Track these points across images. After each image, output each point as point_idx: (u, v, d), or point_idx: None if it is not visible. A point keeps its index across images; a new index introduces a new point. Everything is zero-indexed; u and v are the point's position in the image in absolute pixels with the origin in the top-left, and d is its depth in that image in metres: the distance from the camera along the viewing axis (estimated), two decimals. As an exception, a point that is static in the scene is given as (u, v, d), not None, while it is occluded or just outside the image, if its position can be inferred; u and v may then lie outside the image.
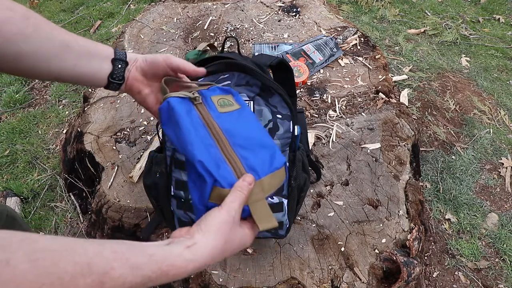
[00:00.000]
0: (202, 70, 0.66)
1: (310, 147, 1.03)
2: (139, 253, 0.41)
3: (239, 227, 0.51)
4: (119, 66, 0.66)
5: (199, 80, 0.71)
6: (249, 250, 0.87)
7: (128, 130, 1.13)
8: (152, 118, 1.15)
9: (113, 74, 0.66)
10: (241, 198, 0.51)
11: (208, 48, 1.28)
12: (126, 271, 0.39)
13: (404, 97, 1.64)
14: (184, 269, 0.43)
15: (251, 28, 1.46)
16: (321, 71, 1.27)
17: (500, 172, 1.53)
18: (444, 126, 1.68)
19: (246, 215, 0.54)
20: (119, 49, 0.66)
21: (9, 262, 0.31)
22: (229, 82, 0.72)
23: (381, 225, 0.91)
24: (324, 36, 1.36)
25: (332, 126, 1.09)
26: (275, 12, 1.53)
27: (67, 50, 0.60)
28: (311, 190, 0.96)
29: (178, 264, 0.43)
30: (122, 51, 0.67)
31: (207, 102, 0.60)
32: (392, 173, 1.00)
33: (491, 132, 1.68)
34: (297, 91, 1.19)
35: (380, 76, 1.23)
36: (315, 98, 1.18)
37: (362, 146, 1.05)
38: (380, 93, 1.18)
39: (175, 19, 1.55)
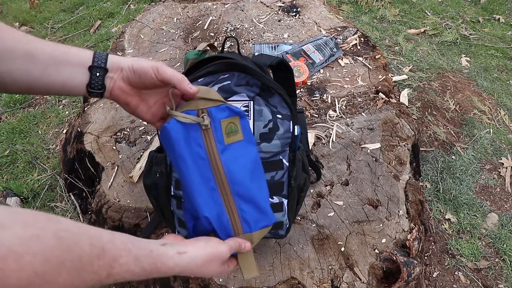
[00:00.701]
0: (195, 90, 0.58)
1: (310, 147, 1.03)
2: (141, 247, 0.47)
3: (223, 263, 0.58)
4: (97, 74, 0.59)
5: (199, 81, 0.70)
6: (249, 250, 0.87)
7: (128, 130, 1.13)
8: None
9: (91, 83, 0.59)
10: (234, 249, 0.59)
11: (208, 48, 1.28)
12: (130, 260, 0.44)
13: (404, 97, 1.64)
14: (171, 270, 0.50)
15: (251, 28, 1.46)
16: (321, 71, 1.27)
17: (500, 172, 1.53)
18: (444, 126, 1.68)
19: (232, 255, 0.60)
20: (100, 52, 0.60)
21: (39, 237, 0.35)
22: (229, 82, 0.72)
23: (381, 225, 0.91)
24: (324, 36, 1.36)
25: (332, 126, 1.09)
26: (275, 12, 1.53)
27: (31, 60, 0.55)
28: (311, 190, 0.96)
29: (168, 264, 0.49)
30: (102, 55, 0.59)
31: (215, 128, 0.58)
32: (392, 173, 1.00)
33: (491, 132, 1.68)
34: (297, 91, 1.19)
35: (380, 76, 1.24)
36: (315, 98, 1.18)
37: (362, 146, 1.05)
38: (380, 93, 1.18)
39: (175, 19, 1.55)
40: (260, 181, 0.63)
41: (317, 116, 1.13)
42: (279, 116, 0.73)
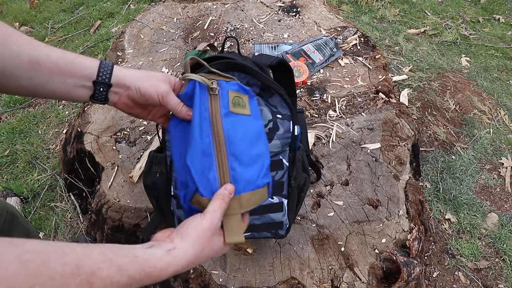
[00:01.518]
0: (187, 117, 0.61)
1: (310, 147, 1.03)
2: (124, 254, 0.42)
3: (218, 235, 0.54)
4: (101, 89, 0.60)
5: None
6: (249, 250, 0.87)
7: (128, 130, 1.13)
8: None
9: (94, 96, 0.60)
10: (223, 207, 0.54)
11: (208, 48, 1.28)
12: (113, 271, 0.40)
13: (404, 97, 1.64)
14: (165, 271, 0.45)
15: (251, 28, 1.46)
16: (321, 71, 1.27)
17: (500, 172, 1.53)
18: (444, 126, 1.68)
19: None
20: (106, 62, 0.60)
21: None
22: (229, 82, 0.72)
23: (381, 225, 0.91)
24: (324, 36, 1.36)
25: (332, 126, 1.09)
26: (275, 12, 1.53)
27: (37, 67, 0.55)
28: (311, 190, 0.96)
29: (159, 266, 0.45)
30: (107, 68, 0.59)
31: (222, 95, 0.61)
32: (392, 173, 1.00)
33: (491, 132, 1.68)
34: (297, 91, 1.19)
35: (380, 76, 1.23)
36: (315, 98, 1.18)
37: (362, 146, 1.05)
38: (380, 93, 1.18)
39: (175, 19, 1.55)
40: (260, 149, 0.62)
41: (317, 116, 1.13)
42: (279, 116, 0.73)
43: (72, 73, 0.58)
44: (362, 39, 1.38)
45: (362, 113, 1.13)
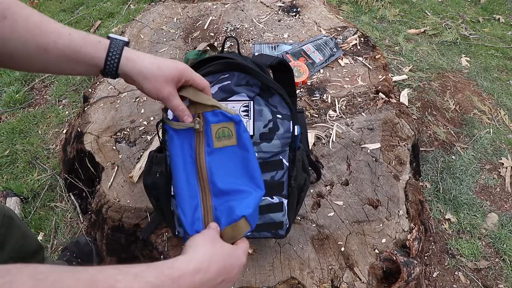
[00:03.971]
0: (187, 119, 0.64)
1: (310, 147, 1.03)
2: (136, 266, 0.42)
3: (220, 241, 0.58)
4: (109, 76, 0.60)
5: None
6: (249, 250, 0.87)
7: (128, 130, 1.13)
8: (152, 118, 1.15)
9: (104, 73, 0.59)
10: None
11: (208, 48, 1.28)
12: (130, 280, 0.39)
13: (404, 97, 1.64)
14: (186, 269, 0.45)
15: (251, 28, 1.46)
16: (321, 71, 1.27)
17: (500, 172, 1.53)
18: (444, 126, 1.68)
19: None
20: (113, 50, 0.58)
21: (12, 284, 0.32)
22: (229, 82, 0.72)
23: (381, 225, 0.91)
24: (324, 36, 1.36)
25: (332, 126, 1.09)
26: (275, 12, 1.53)
27: (44, 54, 0.55)
28: (311, 190, 0.96)
29: (177, 265, 0.44)
30: (115, 55, 0.58)
31: (206, 133, 0.63)
32: (392, 173, 1.00)
33: (491, 132, 1.68)
34: (297, 91, 1.19)
35: (380, 76, 1.23)
36: (315, 98, 1.18)
37: (362, 146, 1.05)
38: (380, 93, 1.18)
39: (175, 19, 1.55)
40: (241, 181, 0.64)
41: (317, 116, 1.13)
42: (279, 116, 0.73)
43: (80, 61, 0.58)
44: (362, 39, 1.38)
45: (362, 113, 1.13)
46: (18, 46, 0.53)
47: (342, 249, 0.87)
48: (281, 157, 0.74)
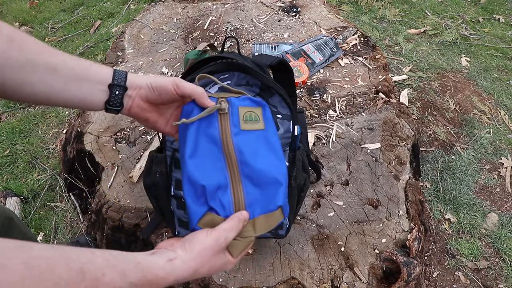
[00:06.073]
0: (209, 102, 0.59)
1: (310, 147, 1.03)
2: (127, 261, 0.43)
3: (223, 253, 0.54)
4: (117, 92, 0.59)
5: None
6: (249, 250, 0.87)
7: (128, 130, 1.13)
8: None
9: (110, 101, 0.59)
10: (237, 231, 0.54)
11: (208, 48, 1.28)
12: (116, 277, 0.40)
13: (404, 97, 1.64)
14: (165, 280, 0.46)
15: (251, 28, 1.46)
16: (321, 71, 1.27)
17: (500, 172, 1.53)
18: (444, 126, 1.68)
19: None
20: (119, 70, 0.60)
21: (5, 268, 0.32)
22: (229, 82, 0.72)
23: (381, 225, 0.91)
24: (324, 36, 1.36)
25: (332, 126, 1.09)
26: (275, 12, 1.53)
27: (53, 74, 0.55)
28: (311, 190, 0.96)
29: (160, 275, 0.45)
30: (122, 73, 0.60)
31: (232, 113, 0.58)
32: (392, 173, 1.00)
33: (491, 132, 1.68)
34: (297, 91, 1.19)
35: (380, 76, 1.23)
36: (315, 98, 1.18)
37: (362, 146, 1.05)
38: (380, 93, 1.18)
39: (175, 19, 1.55)
40: (275, 164, 0.59)
41: (317, 116, 1.13)
42: (279, 116, 0.73)
43: (88, 78, 0.58)
44: (362, 39, 1.38)
45: (362, 113, 1.13)
46: (26, 67, 0.53)
47: (342, 249, 0.87)
48: (281, 157, 0.74)
